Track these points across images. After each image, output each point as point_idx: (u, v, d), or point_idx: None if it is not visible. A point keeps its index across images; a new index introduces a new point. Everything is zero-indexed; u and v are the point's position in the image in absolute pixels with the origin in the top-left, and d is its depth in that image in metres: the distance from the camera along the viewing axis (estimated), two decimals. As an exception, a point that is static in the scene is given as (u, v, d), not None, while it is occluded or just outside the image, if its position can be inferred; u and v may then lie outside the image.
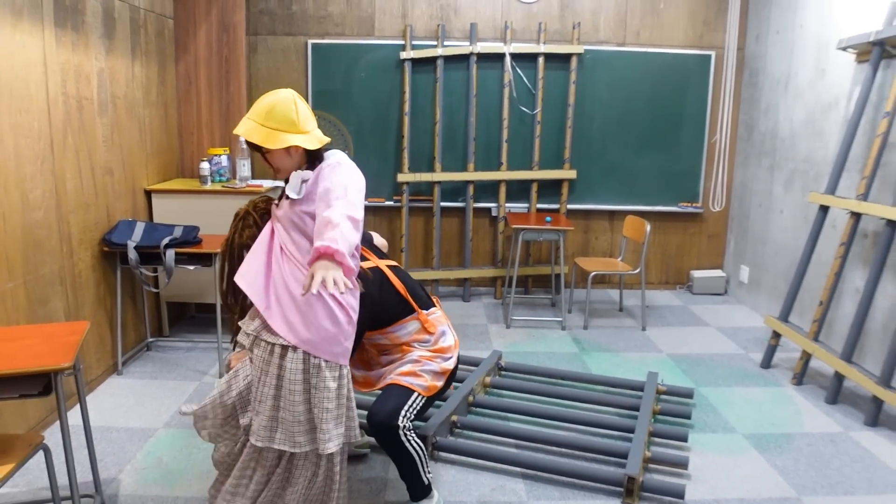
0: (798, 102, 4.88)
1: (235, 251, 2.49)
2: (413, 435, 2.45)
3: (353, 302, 2.27)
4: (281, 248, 2.22)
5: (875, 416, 3.50)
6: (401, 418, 2.40)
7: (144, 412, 3.43)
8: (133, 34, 4.04)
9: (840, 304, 4.22)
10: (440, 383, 2.59)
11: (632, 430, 3.15)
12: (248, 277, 2.24)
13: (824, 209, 4.18)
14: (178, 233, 3.79)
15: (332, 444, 2.18)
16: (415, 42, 5.42)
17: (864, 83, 3.98)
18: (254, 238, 2.39)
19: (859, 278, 4.09)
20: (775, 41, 5.21)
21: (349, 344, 2.26)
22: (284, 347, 2.17)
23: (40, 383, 2.01)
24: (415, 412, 2.47)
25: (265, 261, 2.24)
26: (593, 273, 4.86)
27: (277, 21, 5.45)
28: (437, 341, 2.65)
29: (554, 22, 5.53)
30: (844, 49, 4.18)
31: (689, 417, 3.43)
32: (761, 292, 5.38)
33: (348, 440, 2.26)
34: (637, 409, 3.39)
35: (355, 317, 2.28)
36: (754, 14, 5.52)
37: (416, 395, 2.49)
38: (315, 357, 2.17)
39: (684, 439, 3.17)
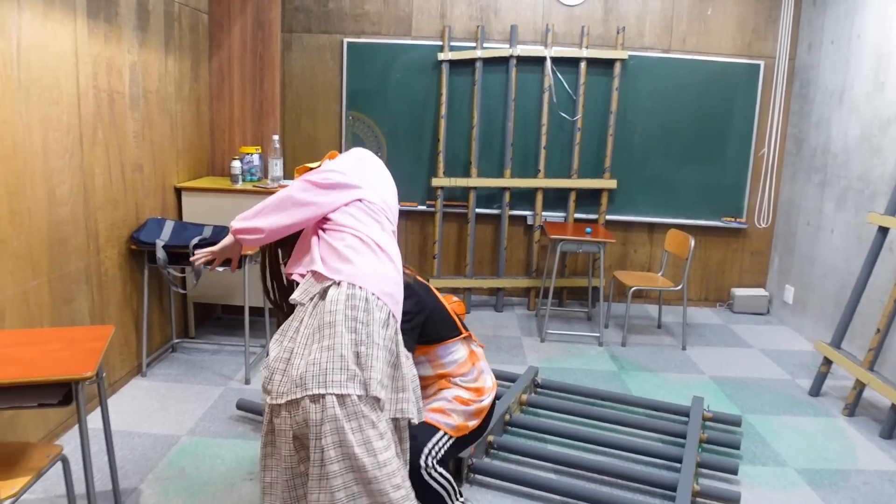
0: (853, 117, 4.65)
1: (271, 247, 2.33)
2: (439, 471, 2.24)
3: (395, 251, 2.08)
4: (322, 228, 2.07)
5: (938, 453, 3.28)
6: (423, 457, 2.19)
7: (168, 417, 3.30)
8: (167, 28, 3.93)
9: (895, 329, 3.99)
10: (472, 423, 2.39)
11: (677, 459, 2.96)
12: (300, 260, 2.05)
13: (884, 231, 3.96)
14: (207, 233, 3.67)
15: (384, 389, 1.81)
16: (453, 43, 5.27)
17: (932, 98, 3.76)
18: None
19: (917, 304, 3.86)
20: (829, 52, 4.98)
21: (400, 291, 2.02)
22: (326, 289, 1.88)
23: (60, 392, 1.88)
24: (440, 452, 2.25)
25: (313, 240, 2.07)
26: (633, 288, 4.67)
27: (313, 18, 5.33)
28: (478, 378, 2.45)
29: (597, 26, 5.35)
30: (909, 61, 3.97)
31: (738, 448, 3.23)
32: (807, 314, 5.15)
33: (399, 413, 1.87)
34: (682, 437, 3.20)
35: (399, 265, 2.08)
36: (807, 23, 5.30)
37: (441, 433, 2.29)
38: (360, 287, 1.87)
39: (734, 472, 2.97)
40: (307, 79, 5.40)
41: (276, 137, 4.33)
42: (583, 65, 5.24)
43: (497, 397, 3.34)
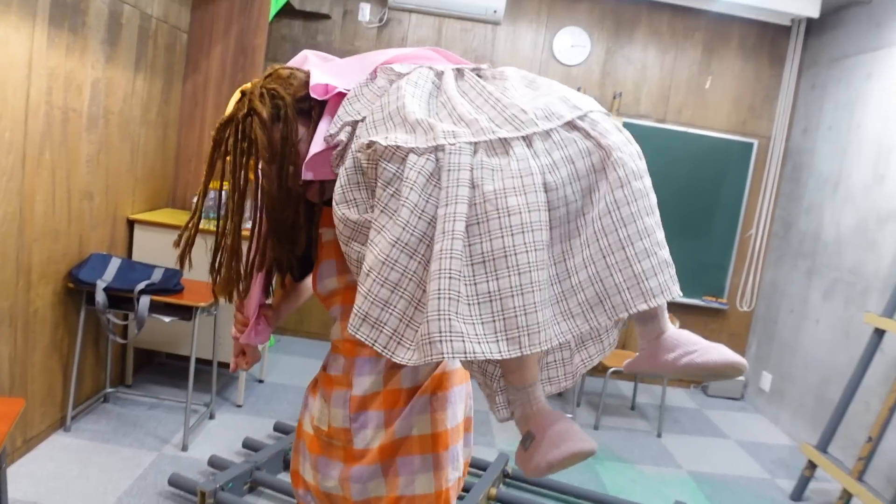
0: (848, 207, 4.50)
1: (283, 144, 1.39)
2: None
3: None
4: None
5: (936, 587, 3.03)
6: None
7: (88, 489, 2.86)
8: (140, 44, 3.59)
9: (883, 437, 3.76)
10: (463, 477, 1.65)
11: (663, 581, 2.65)
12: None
13: (879, 332, 3.76)
14: (157, 276, 3.28)
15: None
16: (443, 91, 5.02)
17: (939, 201, 3.61)
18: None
19: (908, 412, 3.65)
20: (826, 137, 4.86)
21: None
22: (457, 70, 1.36)
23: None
24: None
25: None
26: (612, 369, 4.38)
27: (299, 49, 5.02)
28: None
29: (593, 89, 5.16)
30: (916, 160, 3.82)
31: (724, 566, 2.93)
32: (784, 405, 4.92)
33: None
34: (666, 550, 2.89)
35: None
36: (804, 105, 5.19)
37: None
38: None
39: None
40: (285, 111, 5.08)
41: (246, 174, 3.97)
42: (576, 126, 5.03)
43: (465, 489, 3.00)
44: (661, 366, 1.27)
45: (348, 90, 1.39)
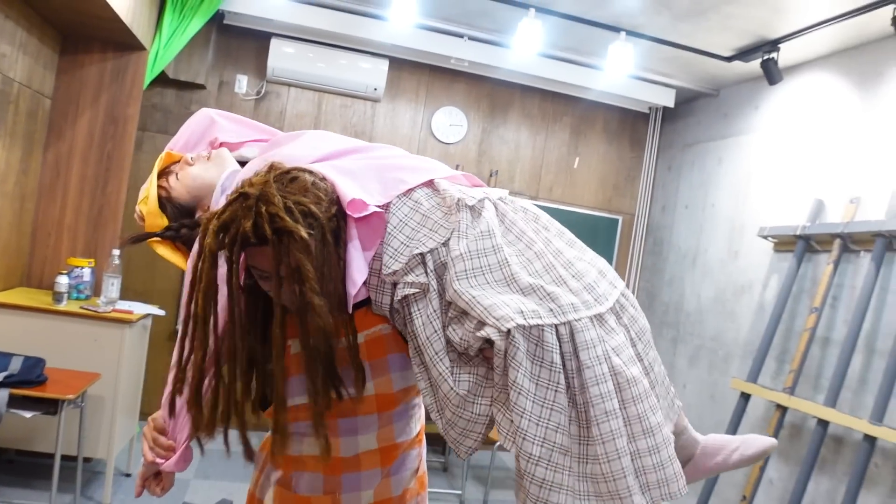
0: (707, 280, 4.86)
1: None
2: None
3: None
4: None
5: None
6: None
7: None
8: (0, 110, 3.30)
9: (756, 495, 3.99)
10: None
11: None
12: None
13: (745, 396, 4.03)
14: (15, 366, 2.92)
15: None
16: (324, 165, 4.98)
17: (788, 273, 3.97)
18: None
19: (773, 469, 3.92)
20: (683, 215, 5.27)
21: None
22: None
23: None
24: None
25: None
26: (498, 443, 4.37)
27: (171, 120, 4.84)
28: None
29: (471, 166, 5.32)
30: (766, 237, 4.21)
31: None
32: (659, 470, 5.12)
33: None
34: None
35: None
36: (661, 185, 5.61)
37: None
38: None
39: None
40: (155, 183, 4.81)
41: (116, 252, 3.67)
42: (456, 202, 5.13)
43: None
44: (711, 469, 1.44)
45: (382, 208, 1.26)
